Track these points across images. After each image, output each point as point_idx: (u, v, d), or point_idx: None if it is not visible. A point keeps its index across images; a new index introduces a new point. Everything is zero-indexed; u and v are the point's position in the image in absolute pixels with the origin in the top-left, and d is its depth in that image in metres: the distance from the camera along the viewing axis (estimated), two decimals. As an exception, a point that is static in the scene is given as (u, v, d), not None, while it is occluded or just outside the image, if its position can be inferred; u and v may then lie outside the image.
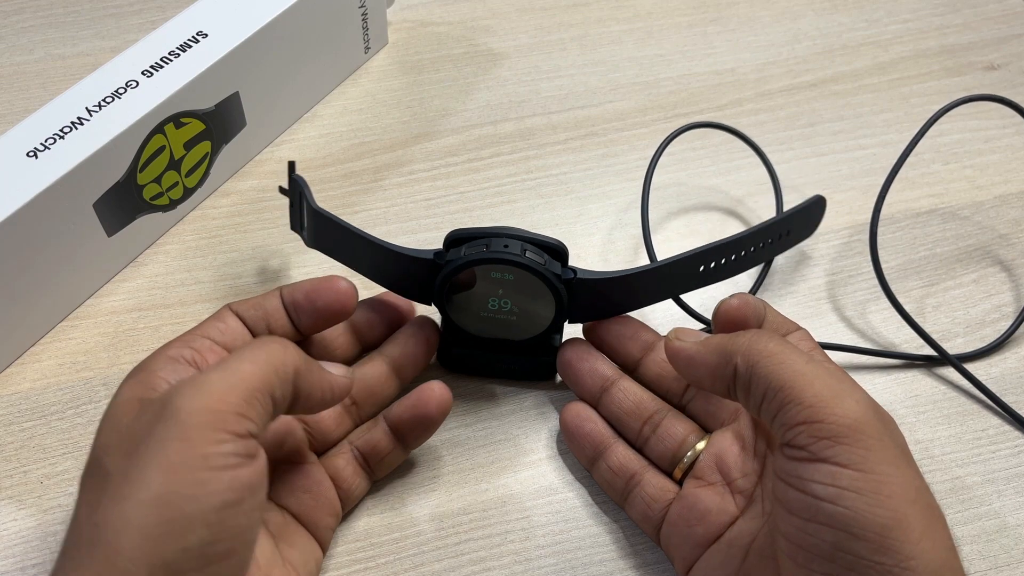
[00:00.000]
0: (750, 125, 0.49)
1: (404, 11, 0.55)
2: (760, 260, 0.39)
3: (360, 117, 0.49)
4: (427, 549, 0.35)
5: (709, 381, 0.31)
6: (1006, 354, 0.41)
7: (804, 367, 0.28)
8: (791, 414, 0.27)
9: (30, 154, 0.37)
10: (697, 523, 0.32)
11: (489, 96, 0.51)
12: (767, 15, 0.56)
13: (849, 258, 0.44)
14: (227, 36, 0.42)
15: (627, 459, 0.35)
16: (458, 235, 0.35)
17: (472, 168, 0.47)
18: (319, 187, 0.46)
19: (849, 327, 0.42)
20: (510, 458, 0.37)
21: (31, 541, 0.34)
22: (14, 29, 0.52)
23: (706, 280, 0.37)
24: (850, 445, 0.26)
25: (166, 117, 0.40)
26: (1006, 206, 0.46)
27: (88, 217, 0.39)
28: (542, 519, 0.36)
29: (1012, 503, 0.36)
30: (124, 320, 0.41)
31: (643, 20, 0.55)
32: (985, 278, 0.44)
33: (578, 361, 0.37)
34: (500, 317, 0.36)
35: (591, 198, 0.46)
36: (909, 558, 0.25)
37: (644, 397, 0.36)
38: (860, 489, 0.25)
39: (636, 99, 0.51)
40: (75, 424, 0.37)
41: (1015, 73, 0.53)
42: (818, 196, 0.40)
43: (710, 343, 0.31)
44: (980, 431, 0.38)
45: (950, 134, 0.49)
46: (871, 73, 0.52)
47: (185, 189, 0.44)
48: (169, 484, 0.24)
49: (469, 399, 0.39)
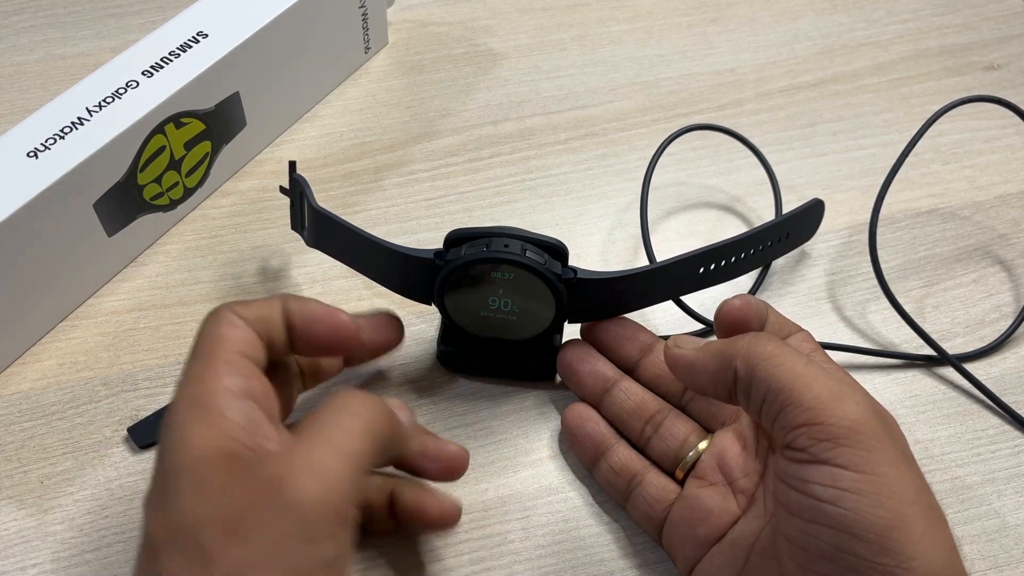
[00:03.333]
0: (750, 125, 0.49)
1: (404, 11, 0.55)
2: (759, 263, 0.39)
3: (360, 117, 0.49)
4: (427, 549, 0.35)
5: (710, 387, 0.31)
6: (1006, 354, 0.41)
7: (803, 369, 0.28)
8: (791, 416, 0.27)
9: (30, 154, 0.37)
10: (699, 523, 0.32)
11: (489, 96, 0.51)
12: (767, 15, 0.56)
13: (849, 258, 0.44)
14: (227, 36, 0.42)
15: (628, 459, 0.35)
16: (458, 235, 0.35)
17: (472, 168, 0.47)
18: (319, 187, 0.46)
19: (849, 327, 0.42)
20: (510, 458, 0.37)
21: (31, 541, 0.34)
22: (14, 29, 0.52)
23: (706, 282, 0.37)
24: (850, 447, 0.26)
25: (166, 117, 0.40)
26: (1006, 206, 0.46)
27: (88, 217, 0.39)
28: (542, 519, 0.36)
29: (1012, 503, 0.36)
30: (124, 320, 0.41)
31: (643, 20, 0.55)
32: (985, 278, 0.44)
33: (579, 363, 0.37)
34: (500, 317, 0.36)
35: (591, 198, 0.46)
36: (910, 559, 0.25)
37: (646, 397, 0.36)
38: (861, 490, 0.26)
39: (636, 99, 0.51)
40: (75, 424, 0.37)
41: (1015, 73, 0.53)
42: (816, 199, 0.40)
43: (709, 349, 0.31)
44: (980, 431, 0.38)
45: (950, 134, 0.49)
46: (871, 73, 0.52)
47: (185, 189, 0.44)
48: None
49: (469, 399, 0.39)
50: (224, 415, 0.26)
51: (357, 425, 0.26)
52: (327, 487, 0.24)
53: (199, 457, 0.25)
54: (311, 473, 0.24)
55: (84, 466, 0.36)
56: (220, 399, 0.26)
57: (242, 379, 0.27)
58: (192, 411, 0.26)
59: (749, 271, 0.39)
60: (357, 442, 0.25)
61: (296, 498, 0.23)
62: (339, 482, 0.24)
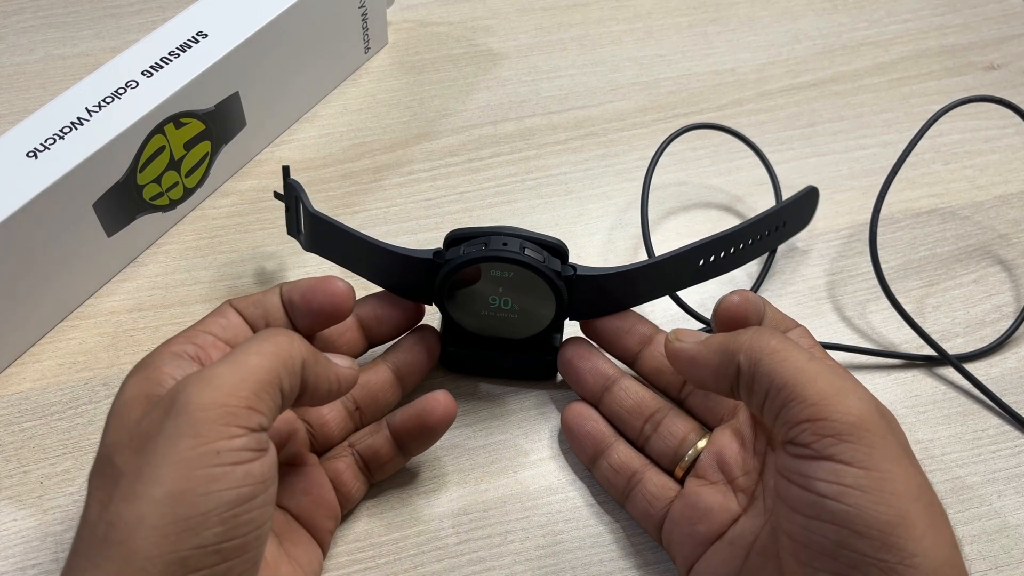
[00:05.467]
0: (750, 125, 0.49)
1: (404, 11, 0.55)
2: (757, 254, 0.39)
3: (360, 117, 0.49)
4: (427, 549, 0.35)
5: (712, 381, 0.30)
6: (1006, 354, 0.41)
7: (807, 364, 0.28)
8: (794, 412, 0.27)
9: (30, 154, 0.37)
10: (699, 521, 0.32)
11: (489, 96, 0.51)
12: (767, 15, 0.56)
13: (849, 258, 0.44)
14: (227, 36, 0.42)
15: (628, 457, 0.35)
16: (457, 234, 0.35)
17: (472, 168, 0.47)
18: (319, 187, 0.46)
19: (849, 327, 0.42)
20: (510, 458, 0.37)
21: (31, 541, 0.34)
22: (14, 29, 0.52)
23: (705, 275, 0.37)
24: (853, 442, 0.26)
25: (166, 117, 0.40)
26: (1006, 206, 0.46)
27: (88, 217, 0.39)
28: (543, 519, 0.36)
29: (1012, 503, 0.36)
30: (124, 320, 0.41)
31: (643, 20, 0.55)
32: (985, 278, 0.44)
33: (579, 360, 0.37)
34: (501, 316, 0.36)
35: (591, 198, 0.46)
36: (912, 555, 0.25)
37: (645, 396, 0.36)
38: (863, 486, 0.26)
39: (636, 99, 0.51)
40: (75, 424, 0.37)
41: (1015, 73, 0.53)
42: (811, 187, 0.40)
43: (711, 343, 0.31)
44: (980, 431, 0.38)
45: (950, 134, 0.49)
46: (871, 73, 0.52)
47: (185, 189, 0.44)
48: (182, 481, 0.24)
49: (469, 399, 0.39)
50: (159, 368, 0.28)
51: (258, 346, 0.27)
52: (219, 390, 0.25)
53: (125, 400, 0.27)
54: (204, 382, 0.25)
55: (84, 466, 0.36)
56: (159, 358, 0.28)
57: (192, 347, 0.29)
58: (134, 370, 0.28)
59: (748, 262, 0.39)
60: (255, 356, 0.26)
61: (186, 401, 0.25)
62: (231, 386, 0.25)
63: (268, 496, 0.26)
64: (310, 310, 0.32)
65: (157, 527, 0.23)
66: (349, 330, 0.36)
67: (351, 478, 0.34)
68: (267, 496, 0.26)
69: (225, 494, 0.24)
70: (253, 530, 0.25)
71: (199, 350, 0.29)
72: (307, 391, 0.28)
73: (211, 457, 0.24)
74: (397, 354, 0.37)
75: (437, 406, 0.34)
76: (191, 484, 0.24)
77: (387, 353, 0.37)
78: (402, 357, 0.36)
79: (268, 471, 0.26)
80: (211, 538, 0.24)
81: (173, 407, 0.25)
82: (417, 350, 0.37)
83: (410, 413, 0.34)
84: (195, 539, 0.24)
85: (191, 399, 0.25)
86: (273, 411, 0.26)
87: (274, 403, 0.26)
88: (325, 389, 0.29)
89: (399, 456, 0.35)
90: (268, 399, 0.26)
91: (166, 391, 0.26)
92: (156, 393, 0.27)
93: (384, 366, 0.36)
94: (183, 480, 0.24)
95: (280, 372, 0.27)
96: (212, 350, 0.29)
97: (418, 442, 0.35)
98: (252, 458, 0.25)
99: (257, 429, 0.25)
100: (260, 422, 0.26)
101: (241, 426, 0.25)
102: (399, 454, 0.35)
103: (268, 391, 0.26)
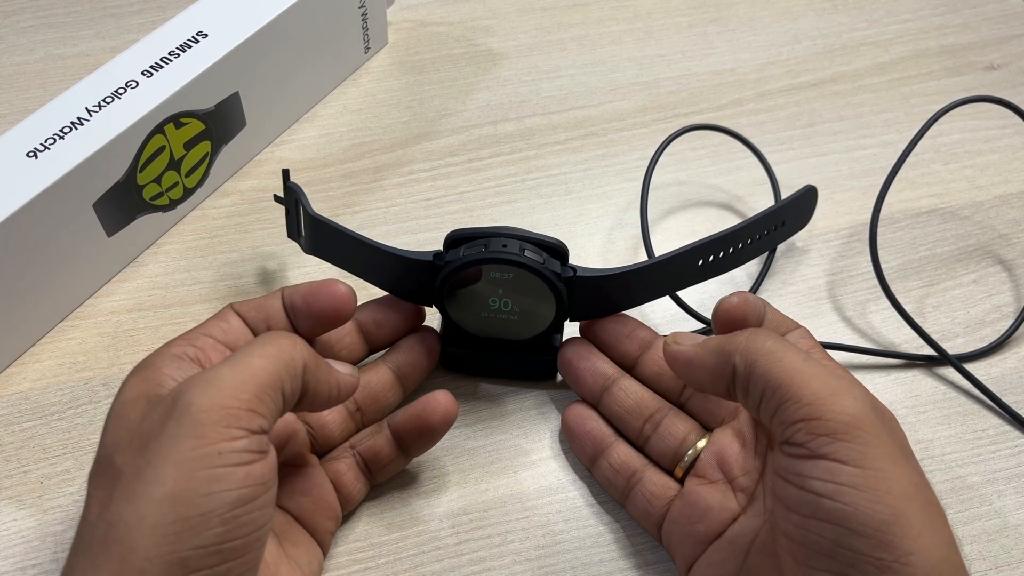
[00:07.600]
0: (750, 125, 0.49)
1: (404, 11, 0.55)
2: (757, 253, 0.39)
3: (360, 117, 0.49)
4: (427, 549, 0.35)
5: (709, 383, 0.31)
6: (1006, 354, 0.41)
7: (802, 365, 0.28)
8: (789, 411, 0.27)
9: (30, 154, 0.37)
10: (699, 520, 0.32)
11: (489, 96, 0.51)
12: (767, 15, 0.56)
13: (849, 258, 0.44)
14: (227, 36, 0.42)
15: (628, 457, 0.35)
16: (457, 236, 0.35)
17: (472, 168, 0.47)
18: (319, 187, 0.46)
19: (849, 327, 0.42)
20: (510, 458, 0.37)
21: (31, 541, 0.34)
22: (14, 29, 0.52)
23: (705, 275, 0.37)
24: (848, 441, 0.26)
25: (166, 117, 0.40)
26: (1006, 206, 0.46)
27: (88, 217, 0.39)
28: (543, 519, 0.36)
29: (1012, 503, 0.36)
30: (124, 320, 0.41)
31: (643, 20, 0.55)
32: (985, 278, 0.44)
33: (579, 360, 0.37)
34: (501, 317, 0.36)
35: (591, 198, 0.46)
36: (908, 553, 0.25)
37: (645, 396, 0.36)
38: (859, 485, 0.26)
39: (636, 99, 0.51)
40: (75, 424, 0.37)
41: (1015, 73, 0.53)
42: (809, 186, 0.40)
43: (708, 345, 0.31)
44: (980, 431, 0.38)
45: (950, 134, 0.49)
46: (871, 73, 0.52)
47: (185, 189, 0.44)
48: (183, 481, 0.24)
49: (469, 399, 0.39)
50: (160, 370, 0.28)
51: (260, 348, 0.27)
52: (217, 391, 0.25)
53: (125, 400, 0.27)
54: (206, 383, 0.25)
55: (84, 466, 0.36)
56: (159, 359, 0.28)
57: (193, 349, 0.29)
58: (134, 371, 0.28)
59: (747, 261, 0.39)
60: (257, 359, 0.26)
61: (188, 402, 0.25)
62: (232, 388, 0.25)
63: (269, 497, 0.26)
64: (311, 313, 0.32)
65: (157, 527, 0.23)
66: (349, 335, 0.36)
67: (352, 479, 0.34)
68: (268, 497, 0.26)
69: (226, 495, 0.24)
70: (253, 531, 0.25)
71: (199, 352, 0.29)
72: (308, 395, 0.28)
73: (212, 458, 0.24)
74: (398, 355, 0.37)
75: (438, 406, 0.34)
76: (192, 484, 0.24)
77: (388, 354, 0.37)
78: (403, 358, 0.37)
79: (269, 473, 0.26)
80: (211, 539, 0.24)
81: (175, 408, 0.25)
82: (418, 351, 0.37)
83: (411, 414, 0.34)
84: (195, 539, 0.24)
85: (193, 400, 0.25)
86: (274, 413, 0.27)
87: (275, 405, 0.27)
88: (325, 394, 0.29)
89: (400, 457, 0.35)
90: (269, 401, 0.26)
91: (167, 392, 0.27)
92: (156, 394, 0.27)
93: (385, 367, 0.36)
94: (184, 480, 0.24)
95: (282, 375, 0.27)
96: (212, 353, 0.30)
97: (419, 443, 0.35)
98: (253, 459, 0.25)
99: (258, 431, 0.26)
100: (261, 424, 0.26)
101: (242, 428, 0.25)
102: (400, 455, 0.35)
103: (270, 393, 0.26)
